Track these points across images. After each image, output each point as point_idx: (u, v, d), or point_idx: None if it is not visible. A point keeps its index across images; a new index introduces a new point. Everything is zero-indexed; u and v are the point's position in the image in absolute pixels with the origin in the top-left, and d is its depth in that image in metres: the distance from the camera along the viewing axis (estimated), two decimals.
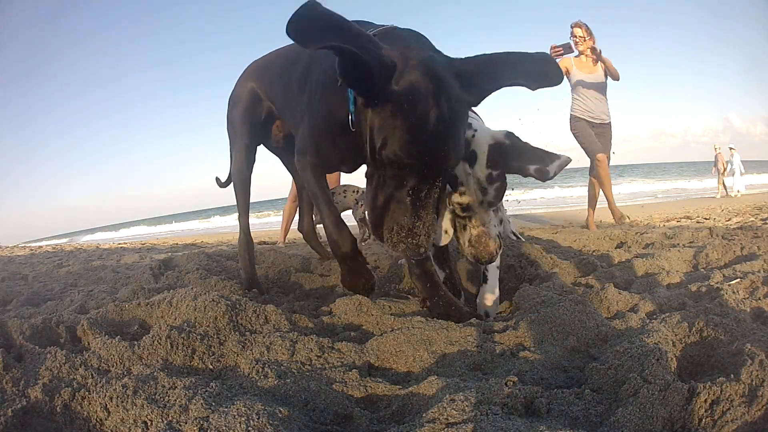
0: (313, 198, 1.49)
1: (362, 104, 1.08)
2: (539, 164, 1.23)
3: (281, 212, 4.93)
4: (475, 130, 1.28)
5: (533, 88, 1.18)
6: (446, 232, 1.33)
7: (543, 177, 1.22)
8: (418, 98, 1.00)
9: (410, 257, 1.20)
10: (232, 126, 1.94)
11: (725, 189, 11.85)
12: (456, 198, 1.28)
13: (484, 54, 1.18)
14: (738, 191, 11.20)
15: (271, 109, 1.82)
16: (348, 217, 2.60)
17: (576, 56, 4.18)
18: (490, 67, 1.15)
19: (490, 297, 1.48)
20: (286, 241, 4.75)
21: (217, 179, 2.35)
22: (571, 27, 4.15)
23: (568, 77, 4.22)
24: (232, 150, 1.94)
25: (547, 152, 1.25)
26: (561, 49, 3.93)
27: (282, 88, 1.69)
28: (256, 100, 1.84)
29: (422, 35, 1.25)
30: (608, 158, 4.21)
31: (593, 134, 4.13)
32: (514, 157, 1.26)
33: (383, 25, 1.26)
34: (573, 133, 4.23)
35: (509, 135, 1.29)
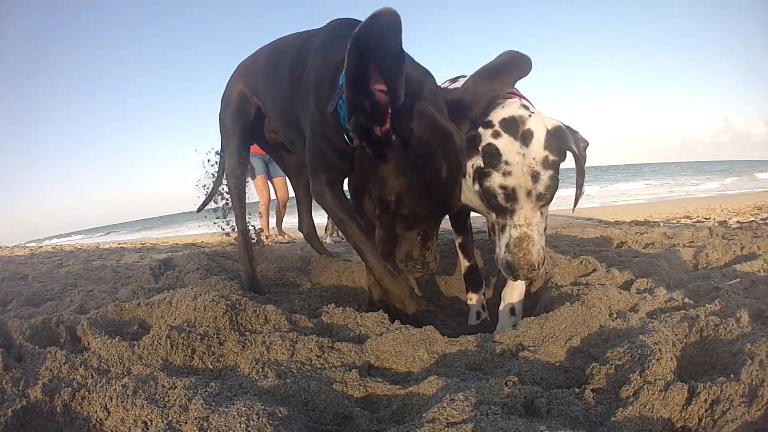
0: (340, 226, 1.38)
1: (370, 157, 1.01)
2: (576, 147, 1.13)
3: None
4: (532, 112, 1.12)
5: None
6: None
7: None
8: (432, 154, 0.99)
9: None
10: (223, 127, 1.95)
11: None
12: (497, 179, 1.07)
13: (463, 81, 1.20)
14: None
15: (259, 106, 1.82)
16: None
17: None
18: (472, 92, 1.14)
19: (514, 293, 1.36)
20: (283, 233, 5.00)
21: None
22: None
23: None
24: (225, 151, 1.95)
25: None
26: None
27: (266, 86, 1.69)
28: (244, 100, 1.85)
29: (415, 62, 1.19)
30: None
31: None
32: (572, 142, 1.13)
33: None
34: None
35: (562, 123, 1.15)
